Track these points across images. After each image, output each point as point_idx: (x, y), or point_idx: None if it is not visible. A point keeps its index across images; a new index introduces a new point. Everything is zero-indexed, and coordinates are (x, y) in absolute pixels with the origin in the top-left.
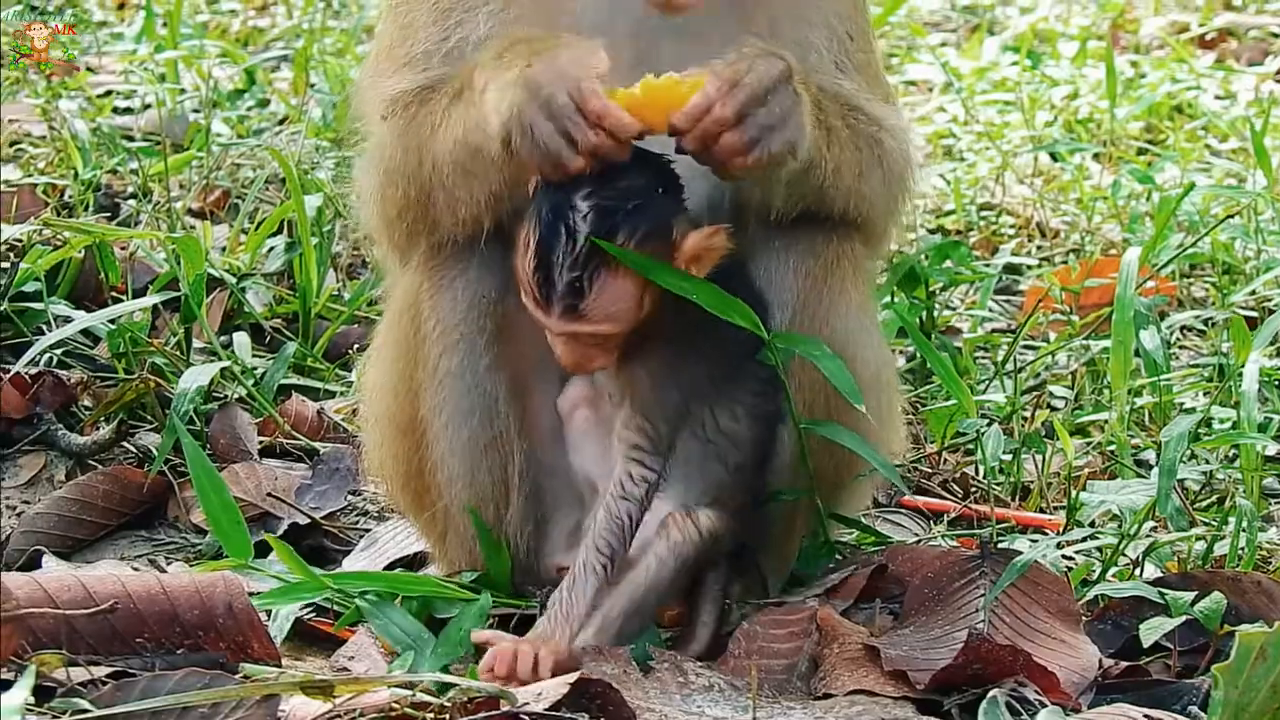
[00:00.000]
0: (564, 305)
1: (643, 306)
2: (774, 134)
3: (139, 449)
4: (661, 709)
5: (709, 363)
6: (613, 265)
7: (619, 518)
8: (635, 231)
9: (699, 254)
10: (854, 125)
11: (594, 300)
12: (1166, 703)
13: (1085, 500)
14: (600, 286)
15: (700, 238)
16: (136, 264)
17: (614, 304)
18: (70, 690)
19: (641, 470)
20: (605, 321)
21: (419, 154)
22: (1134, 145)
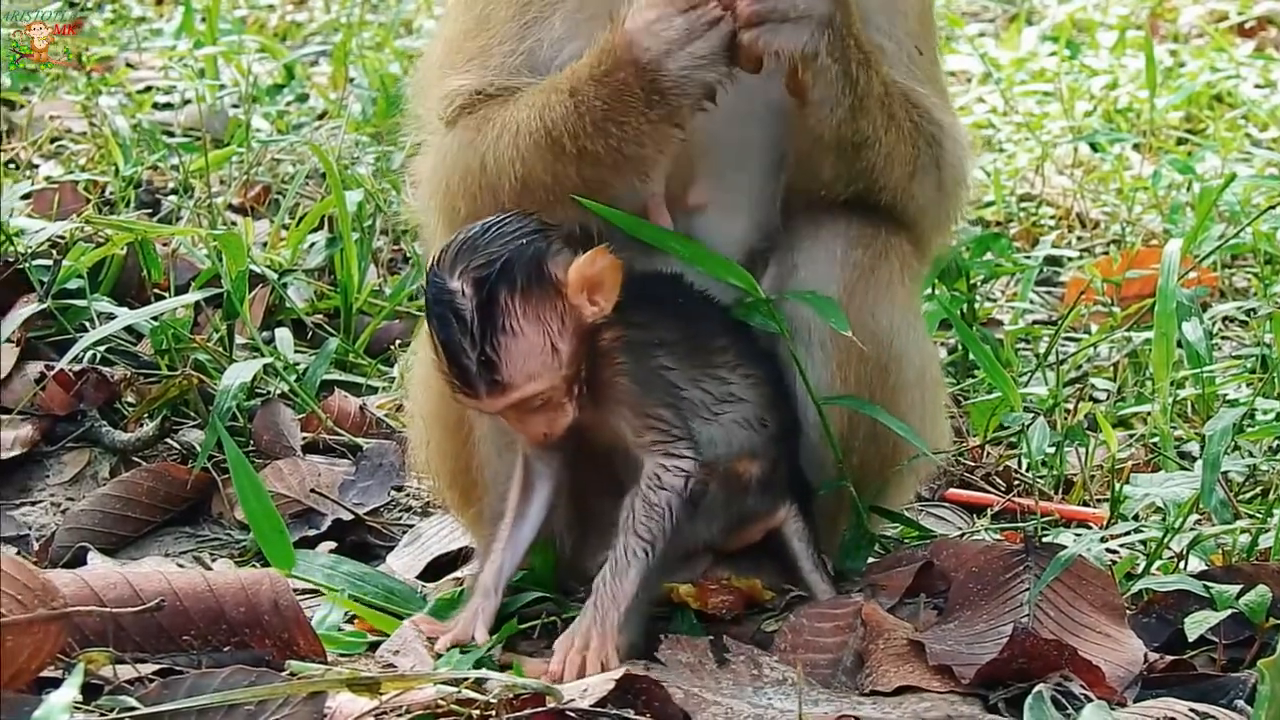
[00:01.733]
0: (486, 383)
1: (559, 352)
2: (784, 26)
3: (183, 445)
4: (728, 702)
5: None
6: (508, 327)
7: (658, 506)
8: (514, 286)
9: (590, 281)
10: (917, 123)
11: (508, 367)
12: (1212, 697)
13: (1129, 493)
14: (507, 351)
15: (583, 265)
16: (178, 260)
17: (529, 362)
18: (117, 688)
19: (674, 460)
20: (531, 381)
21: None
22: (1174, 135)
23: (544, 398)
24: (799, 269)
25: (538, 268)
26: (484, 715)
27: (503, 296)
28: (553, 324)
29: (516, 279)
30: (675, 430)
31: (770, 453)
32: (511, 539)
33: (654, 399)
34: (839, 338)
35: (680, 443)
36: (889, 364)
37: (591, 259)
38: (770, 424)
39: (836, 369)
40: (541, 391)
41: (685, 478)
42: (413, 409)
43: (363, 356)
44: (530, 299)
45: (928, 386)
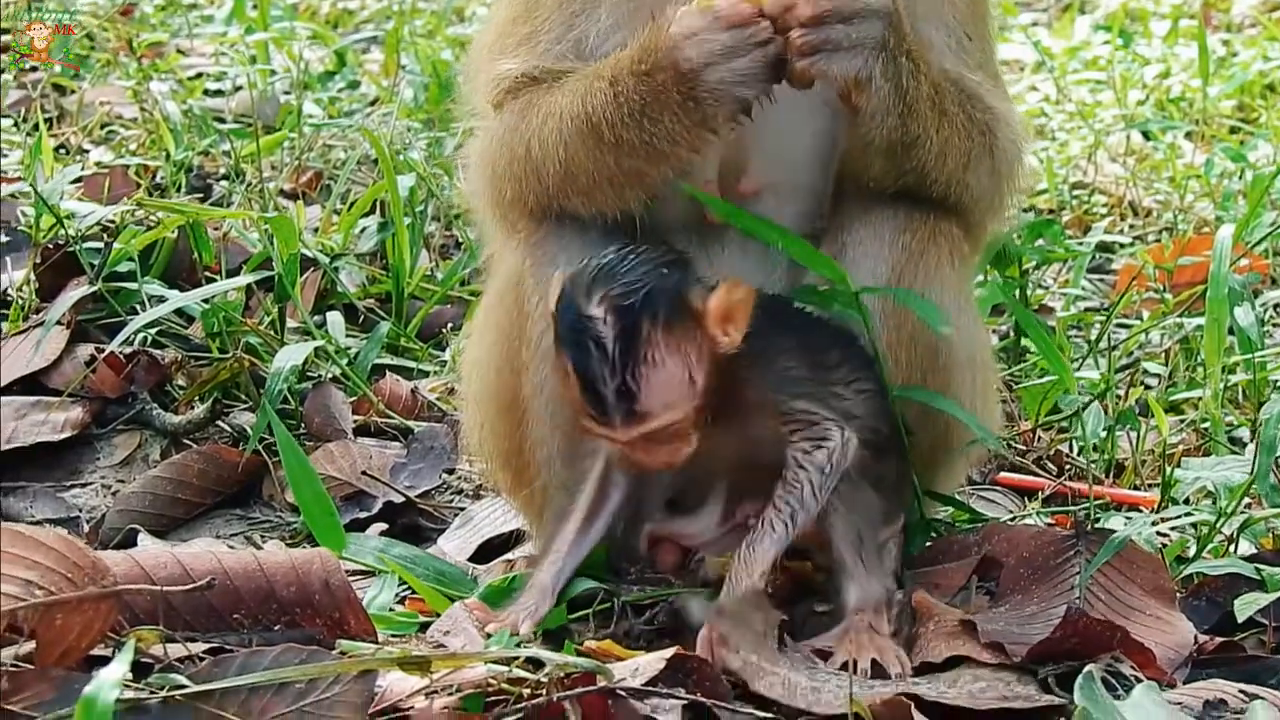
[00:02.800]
0: (622, 414)
1: (696, 382)
2: (838, 54)
3: (233, 428)
4: (786, 674)
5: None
6: (649, 357)
7: (797, 484)
8: (656, 317)
9: (727, 311)
10: (969, 113)
11: (647, 397)
12: (1261, 678)
13: (1180, 477)
14: (647, 382)
15: (722, 295)
16: (230, 244)
17: (667, 392)
18: (167, 666)
19: (815, 442)
20: (667, 411)
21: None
22: (1226, 124)
23: (676, 428)
24: (848, 251)
25: (680, 297)
26: (534, 694)
27: (645, 326)
28: (691, 354)
29: (659, 309)
30: (813, 415)
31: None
32: (576, 543)
33: (784, 401)
34: (889, 319)
35: (816, 426)
36: (939, 346)
37: (729, 290)
38: (882, 433)
39: (887, 350)
40: (676, 421)
41: (826, 454)
42: (465, 391)
43: (414, 340)
44: (672, 329)
45: (978, 369)
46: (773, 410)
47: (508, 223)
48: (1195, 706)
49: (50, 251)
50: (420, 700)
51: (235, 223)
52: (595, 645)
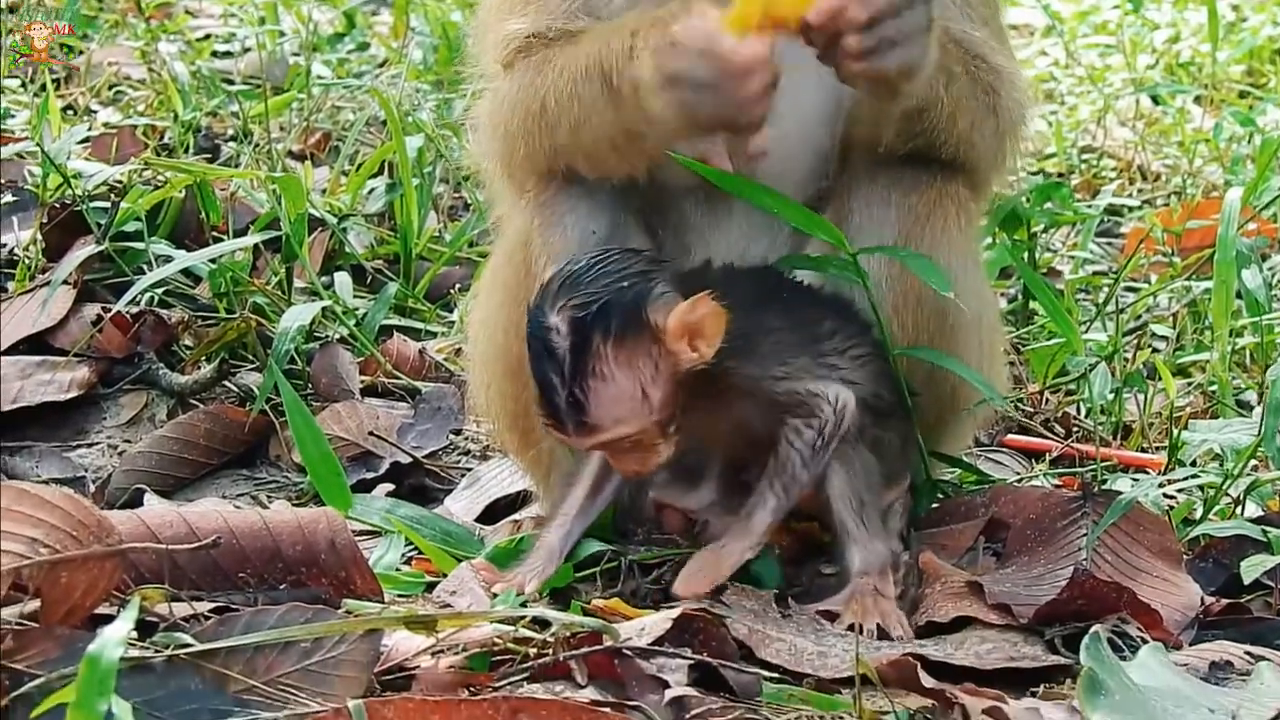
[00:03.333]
0: (574, 423)
1: (650, 398)
2: (895, 49)
3: (240, 388)
4: (792, 639)
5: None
6: (598, 371)
7: (789, 461)
8: (608, 331)
9: (690, 328)
10: (974, 73)
11: (595, 410)
12: (1267, 639)
13: (1187, 439)
14: (596, 395)
15: (684, 311)
16: (237, 204)
17: (617, 407)
18: (172, 625)
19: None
20: (618, 425)
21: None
22: (1235, 88)
23: (633, 440)
24: (854, 214)
25: (635, 312)
26: (540, 654)
27: (596, 339)
28: (645, 370)
29: (612, 322)
30: (800, 395)
31: (887, 424)
32: (584, 508)
33: (773, 377)
34: (895, 282)
35: (806, 404)
36: (946, 307)
37: (693, 306)
38: (884, 397)
39: (893, 313)
40: (630, 434)
41: (817, 431)
42: (472, 352)
43: (422, 301)
44: (624, 344)
45: (985, 331)
46: (762, 394)
47: (516, 183)
48: (1201, 668)
49: (57, 211)
50: (426, 659)
51: (243, 183)
52: (602, 604)
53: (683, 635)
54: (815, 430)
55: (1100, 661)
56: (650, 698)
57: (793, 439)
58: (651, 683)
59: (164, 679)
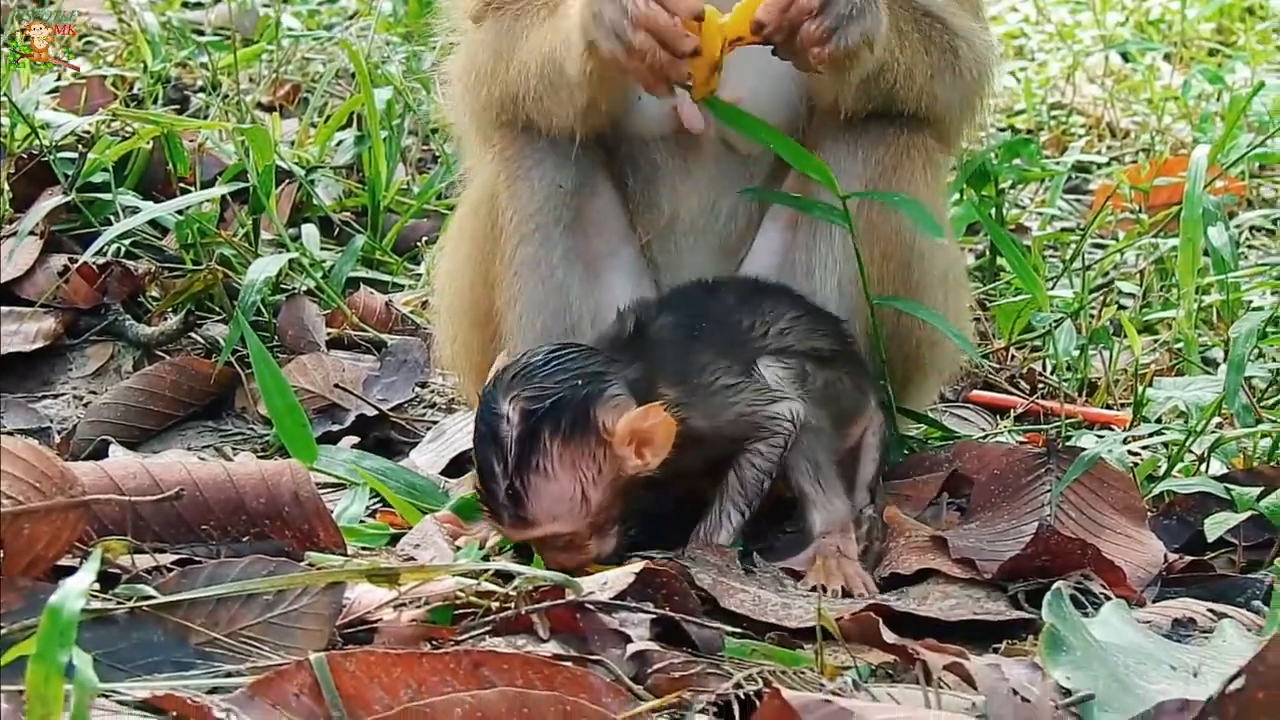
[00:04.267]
0: (509, 514)
1: (589, 500)
2: (852, 24)
3: (206, 340)
4: (756, 591)
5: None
6: (541, 467)
7: (750, 483)
8: (557, 430)
9: (639, 435)
10: (926, 31)
11: (533, 505)
12: (1230, 596)
13: (1152, 396)
14: (536, 491)
15: (635, 419)
16: (205, 156)
17: (555, 505)
18: (134, 577)
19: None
20: (553, 523)
21: (509, 64)
22: (1205, 46)
23: (566, 539)
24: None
25: (585, 414)
26: (503, 608)
27: (544, 435)
28: (589, 472)
29: (561, 421)
30: (756, 422)
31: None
32: None
33: (722, 422)
34: (863, 235)
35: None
36: (911, 262)
37: (644, 414)
38: (822, 348)
39: (857, 247)
40: (563, 534)
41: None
42: (438, 305)
43: (389, 254)
44: (570, 444)
45: (952, 287)
46: (717, 438)
47: (483, 136)
48: (1164, 625)
49: (24, 161)
50: (388, 613)
51: (211, 134)
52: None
53: (645, 590)
54: (778, 449)
55: (1062, 618)
56: (612, 652)
57: (754, 460)
58: (613, 637)
59: (126, 631)
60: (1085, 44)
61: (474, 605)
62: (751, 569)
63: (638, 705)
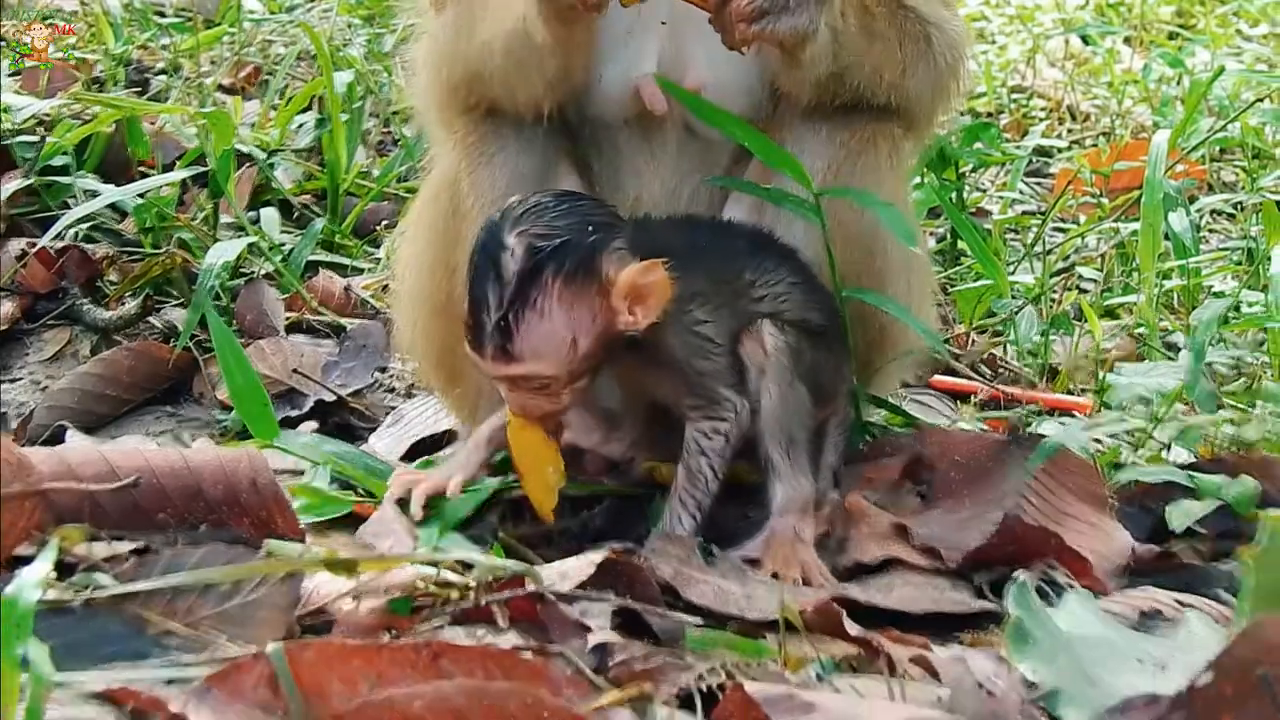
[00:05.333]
0: (494, 347)
1: (577, 346)
2: (784, 15)
3: (165, 324)
4: (718, 581)
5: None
6: (538, 304)
7: (700, 473)
8: (561, 269)
9: (637, 291)
10: (902, 27)
11: (521, 341)
12: (1196, 587)
13: (1114, 383)
14: (527, 327)
15: (636, 273)
16: (165, 139)
17: (543, 344)
18: (91, 565)
19: (712, 423)
20: (536, 362)
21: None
22: (1165, 29)
23: (544, 382)
24: (785, 145)
25: (590, 259)
26: (463, 597)
27: (547, 273)
28: (583, 318)
29: (566, 262)
30: (713, 394)
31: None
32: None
33: (693, 363)
34: (825, 216)
35: (718, 405)
36: (874, 246)
37: (646, 269)
38: (813, 320)
39: (822, 250)
40: (544, 375)
41: (725, 437)
42: (399, 289)
43: (349, 237)
44: (571, 286)
45: (914, 272)
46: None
47: (445, 120)
48: (1130, 615)
49: None
50: (347, 603)
51: (172, 118)
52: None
53: (606, 579)
54: (723, 435)
55: (1027, 608)
56: (573, 642)
57: (702, 444)
58: (574, 627)
59: (82, 621)
60: (1045, 27)
61: (433, 595)
62: (713, 559)
63: (599, 697)
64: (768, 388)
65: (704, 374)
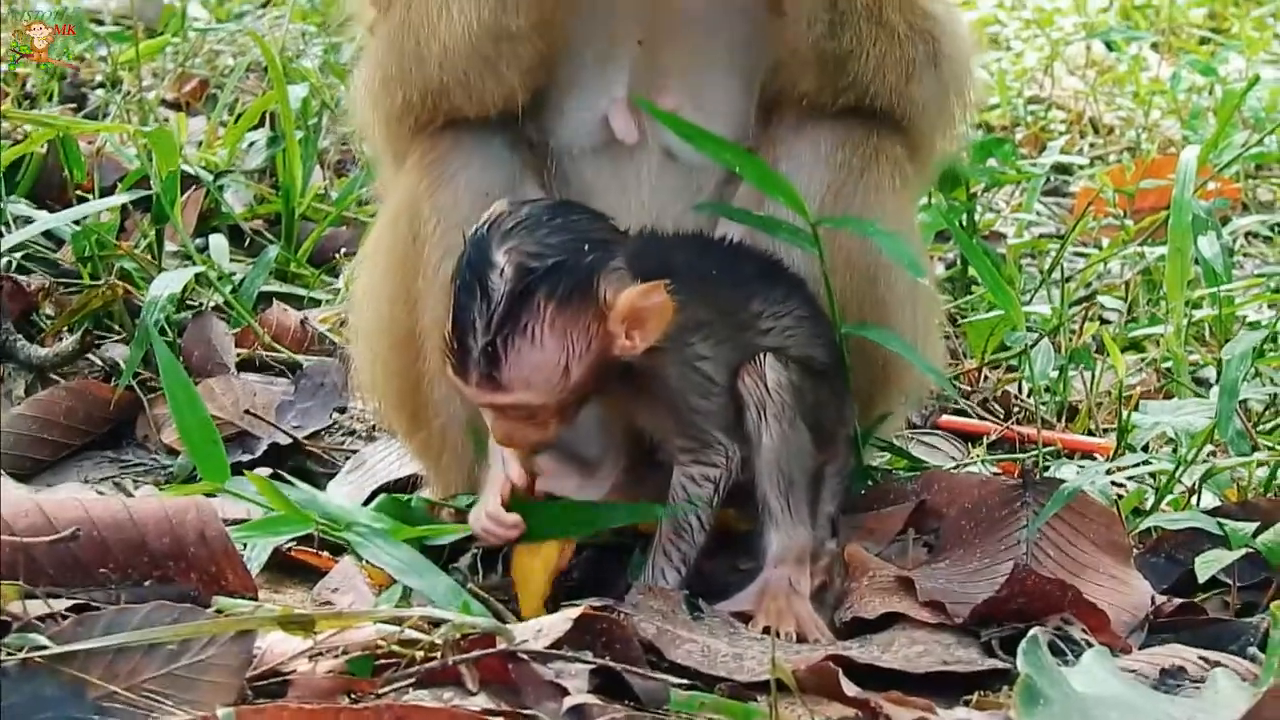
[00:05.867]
0: (479, 374)
1: (569, 374)
2: None
3: (105, 362)
4: (705, 640)
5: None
6: (529, 329)
7: (686, 524)
8: (554, 292)
9: (636, 314)
10: (910, 19)
11: (510, 369)
12: (1223, 642)
13: (1138, 422)
14: (516, 354)
15: (635, 296)
16: (104, 160)
17: (533, 373)
18: (26, 625)
19: (702, 469)
20: (524, 391)
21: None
22: (1196, 34)
23: (531, 411)
24: (780, 165)
25: (588, 282)
26: (429, 657)
27: (539, 297)
28: (577, 344)
29: (560, 285)
30: (706, 436)
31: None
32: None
33: (688, 399)
34: (824, 241)
35: (710, 449)
36: (877, 274)
37: (647, 291)
38: (818, 359)
39: (820, 275)
40: (532, 404)
41: (714, 484)
42: (357, 323)
43: (305, 266)
44: (565, 311)
45: (920, 302)
46: (671, 408)
47: (400, 139)
48: (1151, 674)
49: None
50: (303, 663)
51: (111, 136)
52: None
53: (584, 637)
54: (712, 483)
55: (1039, 667)
56: (548, 705)
57: (689, 490)
58: (549, 689)
59: (17, 684)
60: (1065, 32)
61: (397, 655)
62: (700, 614)
63: None
64: (767, 426)
65: (698, 412)
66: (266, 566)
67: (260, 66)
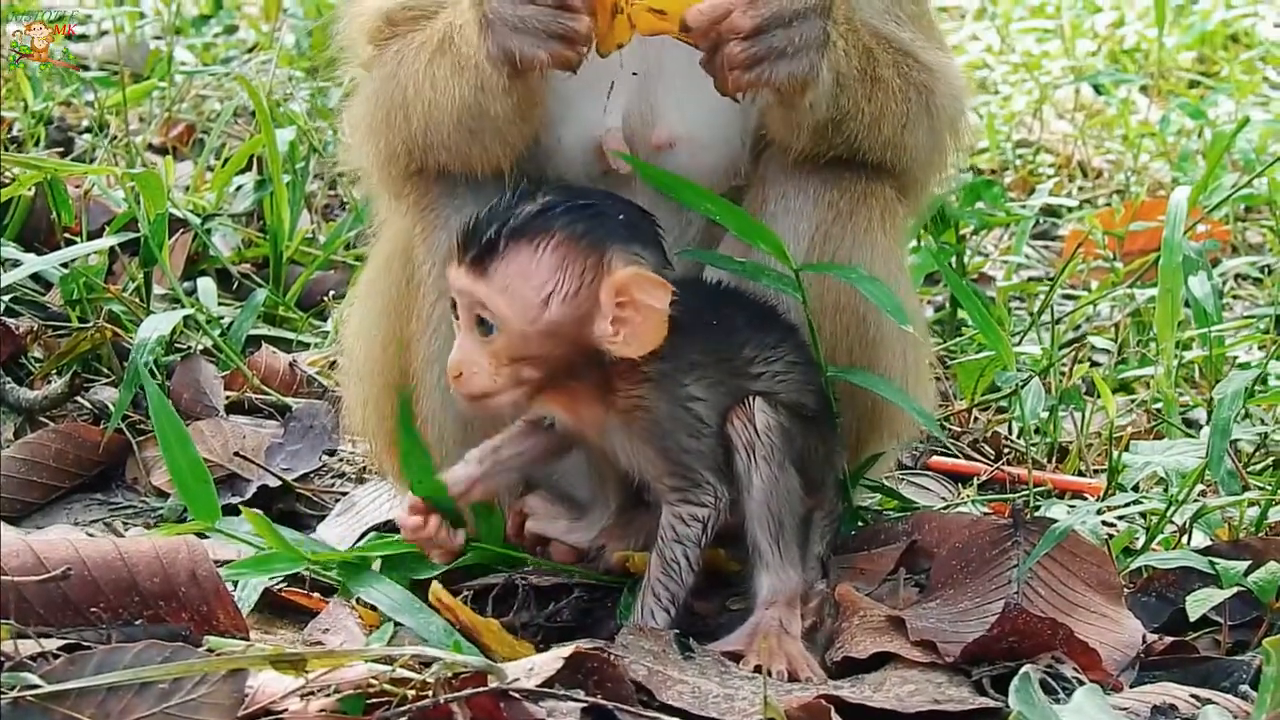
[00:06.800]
0: (473, 255)
1: (547, 308)
2: (783, 61)
3: (94, 404)
4: (695, 681)
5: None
6: (535, 243)
7: (675, 562)
8: (569, 225)
9: (631, 296)
10: (905, 74)
11: (501, 262)
12: (1215, 680)
13: (1128, 462)
14: (512, 253)
15: (638, 275)
16: (92, 203)
17: (518, 279)
18: (18, 664)
19: (690, 509)
20: (502, 294)
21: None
22: (1185, 77)
23: (496, 325)
24: (769, 205)
25: (601, 240)
26: (419, 696)
27: (556, 224)
28: (567, 282)
29: (579, 225)
30: (695, 476)
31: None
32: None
33: (679, 439)
34: (813, 285)
35: (699, 489)
36: (867, 316)
37: (649, 282)
38: (809, 405)
39: (810, 318)
40: (502, 314)
41: (703, 525)
42: (347, 366)
43: (293, 309)
44: (572, 247)
45: (910, 343)
46: (661, 449)
47: (391, 184)
48: (1142, 712)
49: None
50: (295, 702)
51: (98, 180)
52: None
53: (575, 676)
54: (701, 523)
55: (1031, 705)
56: None
57: (678, 530)
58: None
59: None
60: (1054, 75)
61: (388, 693)
62: (690, 654)
63: None
64: (757, 468)
65: (688, 452)
66: (257, 607)
67: (247, 111)
